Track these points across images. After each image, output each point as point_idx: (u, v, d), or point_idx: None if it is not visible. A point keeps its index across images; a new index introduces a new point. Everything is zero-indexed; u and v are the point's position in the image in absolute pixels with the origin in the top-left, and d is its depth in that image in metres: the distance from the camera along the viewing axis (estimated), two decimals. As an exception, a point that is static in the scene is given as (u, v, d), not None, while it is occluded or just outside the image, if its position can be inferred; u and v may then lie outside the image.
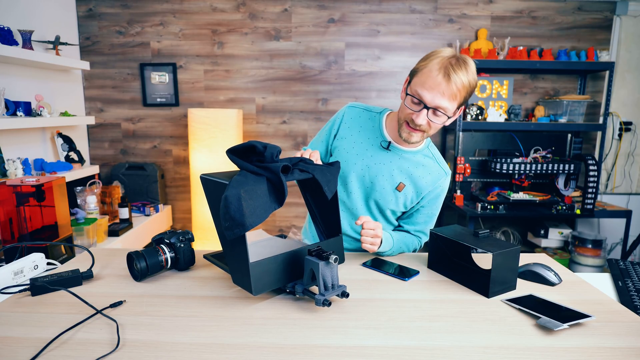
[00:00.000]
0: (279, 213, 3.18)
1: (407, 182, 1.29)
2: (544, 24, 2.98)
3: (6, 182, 1.32)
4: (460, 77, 1.08)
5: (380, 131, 1.30)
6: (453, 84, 1.08)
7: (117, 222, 2.52)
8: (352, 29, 2.96)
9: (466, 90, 1.11)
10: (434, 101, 1.10)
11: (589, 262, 2.81)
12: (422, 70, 1.13)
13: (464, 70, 1.09)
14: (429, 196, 1.33)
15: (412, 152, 1.29)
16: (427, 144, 1.33)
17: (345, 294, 0.93)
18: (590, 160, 2.69)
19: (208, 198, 0.94)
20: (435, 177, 1.30)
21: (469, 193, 2.96)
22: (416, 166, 1.29)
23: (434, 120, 1.14)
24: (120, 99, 3.04)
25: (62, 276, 1.04)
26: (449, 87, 1.08)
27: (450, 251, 1.14)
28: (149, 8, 2.92)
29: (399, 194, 1.29)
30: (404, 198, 1.31)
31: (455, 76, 1.07)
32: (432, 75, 1.09)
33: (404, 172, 1.29)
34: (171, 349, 0.77)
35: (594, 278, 1.29)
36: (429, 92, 1.10)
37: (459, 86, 1.09)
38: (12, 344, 0.78)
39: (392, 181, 1.29)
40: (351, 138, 1.32)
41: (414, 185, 1.30)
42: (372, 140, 1.30)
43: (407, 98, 1.16)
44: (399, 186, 1.28)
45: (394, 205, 1.32)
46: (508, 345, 0.80)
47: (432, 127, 1.17)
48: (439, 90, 1.09)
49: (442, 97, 1.10)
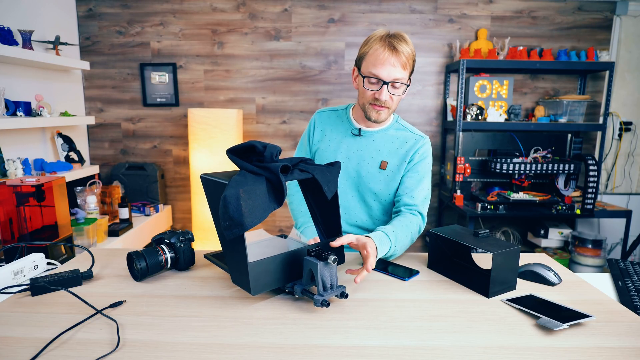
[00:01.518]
0: (279, 213, 3.18)
1: (388, 159, 1.34)
2: (544, 24, 2.98)
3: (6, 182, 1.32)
4: (404, 47, 1.20)
5: (349, 122, 1.39)
6: (401, 54, 1.19)
7: (117, 222, 2.52)
8: (352, 29, 2.96)
9: (411, 58, 1.23)
10: (390, 75, 1.20)
11: (589, 262, 2.81)
12: (368, 53, 1.23)
13: (404, 41, 1.21)
14: (412, 161, 1.34)
15: (382, 130, 1.37)
16: (395, 119, 1.41)
17: (344, 294, 0.93)
18: (590, 160, 2.69)
19: (208, 198, 0.94)
20: (412, 144, 1.35)
21: (469, 193, 2.96)
22: (392, 141, 1.35)
23: (394, 93, 1.24)
24: (120, 99, 3.04)
25: (62, 276, 1.04)
26: (399, 58, 1.20)
27: (450, 251, 1.14)
28: (149, 8, 2.92)
29: (384, 172, 1.34)
30: (391, 174, 1.34)
31: (400, 47, 1.19)
32: (380, 53, 1.20)
33: (382, 150, 1.35)
34: (171, 349, 0.77)
35: (594, 278, 1.29)
36: (383, 68, 1.20)
37: (406, 55, 1.20)
38: (12, 344, 0.78)
39: (374, 163, 1.34)
40: (326, 138, 1.40)
41: (395, 158, 1.34)
42: (344, 133, 1.38)
43: (364, 81, 1.25)
44: (382, 164, 1.34)
45: (385, 186, 1.34)
46: (508, 345, 0.80)
47: (395, 101, 1.27)
48: (390, 64, 1.19)
49: (395, 68, 1.20)
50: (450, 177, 2.91)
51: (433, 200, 3.21)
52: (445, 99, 3.04)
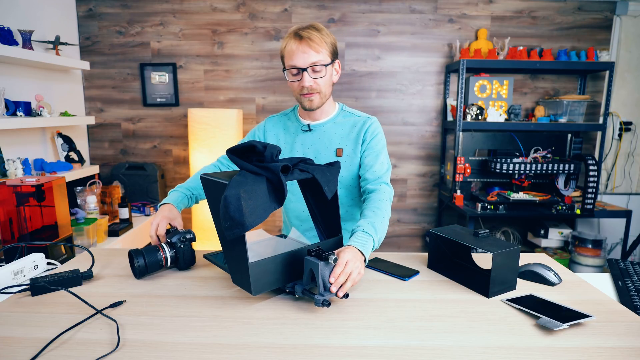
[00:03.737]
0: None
1: (342, 145, 1.37)
2: (544, 24, 2.98)
3: (6, 182, 1.32)
4: (312, 33, 1.24)
5: (298, 121, 1.43)
6: (307, 39, 1.23)
7: (117, 222, 2.52)
8: (352, 29, 2.96)
9: (323, 40, 1.25)
10: (305, 61, 1.24)
11: (589, 262, 2.81)
12: (283, 49, 1.29)
13: (312, 28, 1.25)
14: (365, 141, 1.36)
15: (330, 120, 1.40)
16: (340, 107, 1.44)
17: (345, 294, 0.93)
18: (590, 160, 2.69)
19: (208, 198, 0.94)
20: (360, 126, 1.37)
21: (469, 193, 2.96)
22: (341, 128, 1.39)
23: (317, 77, 1.27)
24: (120, 99, 3.04)
25: (62, 276, 1.04)
26: (308, 44, 1.23)
27: (450, 251, 1.14)
28: (149, 8, 2.92)
29: (341, 159, 1.37)
30: (348, 159, 1.36)
31: (306, 34, 1.23)
32: (290, 45, 1.26)
33: (335, 139, 1.37)
34: (171, 349, 0.77)
35: (594, 278, 1.29)
36: (296, 57, 1.25)
37: (316, 40, 1.23)
38: (12, 344, 0.78)
39: (329, 152, 1.37)
40: (281, 142, 1.44)
41: (349, 143, 1.36)
42: (296, 132, 1.42)
43: (288, 75, 1.30)
44: (338, 152, 1.37)
45: (345, 171, 1.36)
46: (508, 345, 0.80)
47: (321, 84, 1.29)
48: (300, 50, 1.24)
49: (307, 54, 1.24)
50: (450, 177, 2.91)
51: (433, 200, 3.21)
52: (445, 99, 3.04)
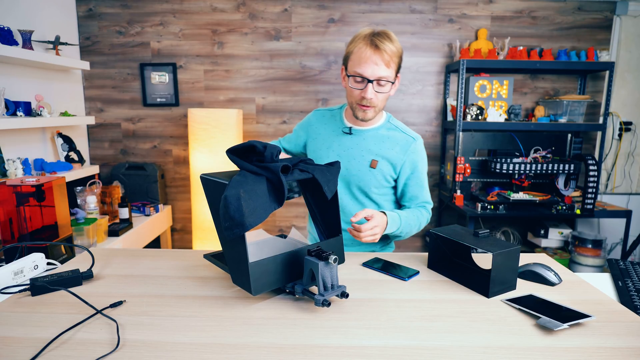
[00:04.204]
0: (279, 213, 3.18)
1: (378, 158, 1.35)
2: (544, 24, 2.98)
3: (6, 182, 1.32)
4: (387, 45, 1.20)
5: (342, 121, 1.42)
6: (383, 52, 1.20)
7: (117, 222, 2.52)
8: (352, 29, 2.96)
9: (396, 55, 1.23)
10: (374, 73, 1.22)
11: (589, 262, 2.81)
12: (352, 52, 1.25)
13: (387, 39, 1.22)
14: (406, 165, 1.36)
15: (373, 129, 1.38)
16: (387, 119, 1.41)
17: (344, 294, 0.93)
18: (590, 160, 2.69)
19: (208, 198, 0.94)
20: (403, 145, 1.36)
21: (469, 193, 2.96)
22: (382, 141, 1.36)
23: (380, 91, 1.25)
24: (120, 99, 3.04)
25: (62, 276, 1.04)
26: (382, 56, 1.20)
27: (450, 251, 1.14)
28: (149, 8, 2.92)
29: (374, 171, 1.36)
30: (381, 173, 1.36)
31: (383, 45, 1.20)
32: (363, 52, 1.21)
33: (373, 149, 1.36)
34: (171, 349, 0.77)
35: (594, 278, 1.29)
36: (367, 66, 1.21)
37: (390, 53, 1.21)
38: (12, 344, 0.78)
39: (363, 161, 1.36)
40: (320, 136, 1.44)
41: (386, 159, 1.36)
42: (336, 132, 1.41)
43: (350, 80, 1.27)
44: (372, 163, 1.35)
45: (375, 184, 1.36)
46: (508, 345, 0.80)
47: (380, 99, 1.27)
48: (372, 62, 1.20)
49: (378, 67, 1.21)
50: (450, 177, 2.90)
51: (433, 200, 3.21)
52: (445, 99, 3.04)
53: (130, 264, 1.20)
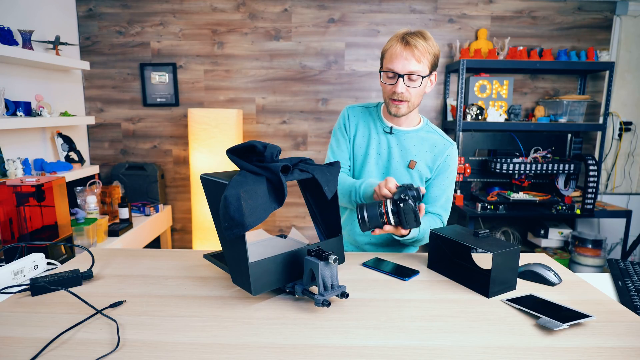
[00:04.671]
0: (279, 213, 3.18)
1: (417, 159, 1.39)
2: (544, 24, 2.98)
3: (6, 182, 1.32)
4: (418, 41, 1.24)
5: (381, 120, 1.43)
6: (413, 47, 1.24)
7: (117, 222, 2.52)
8: (352, 29, 2.96)
9: (428, 52, 1.26)
10: (404, 68, 1.25)
11: (589, 262, 2.81)
12: (386, 50, 1.30)
13: (420, 36, 1.26)
14: (439, 167, 1.39)
15: (414, 130, 1.41)
16: (426, 122, 1.44)
17: (344, 294, 0.93)
18: (590, 160, 2.69)
19: (208, 198, 0.94)
20: (441, 148, 1.39)
21: (469, 193, 2.96)
22: (421, 143, 1.40)
23: (410, 85, 1.28)
24: (120, 99, 3.04)
25: (62, 276, 1.04)
26: (412, 52, 1.24)
27: (450, 251, 1.14)
28: (149, 8, 2.92)
29: (412, 171, 1.39)
30: (418, 175, 1.39)
31: (413, 41, 1.24)
32: (394, 48, 1.26)
33: (412, 150, 1.39)
34: (171, 349, 0.77)
35: (594, 278, 1.29)
36: (397, 61, 1.26)
37: (420, 49, 1.24)
38: (12, 344, 0.78)
39: (402, 161, 1.39)
40: (359, 133, 1.44)
41: (423, 160, 1.39)
42: (376, 130, 1.43)
43: (383, 76, 1.31)
44: (411, 164, 1.38)
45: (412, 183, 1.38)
46: (508, 345, 0.80)
47: (413, 94, 1.30)
48: (403, 57, 1.25)
49: (408, 61, 1.25)
50: (450, 177, 2.90)
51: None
52: (445, 99, 3.04)
53: (130, 264, 1.20)
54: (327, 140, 3.09)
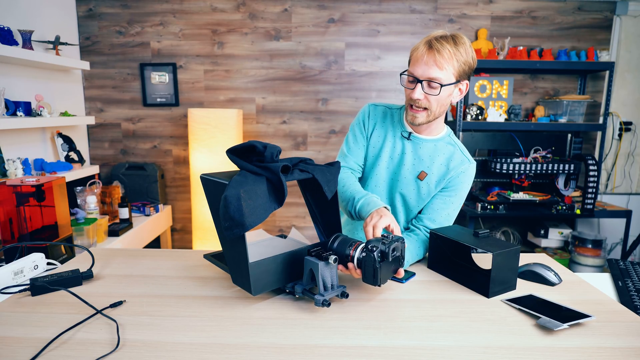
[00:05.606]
0: (279, 213, 3.18)
1: (428, 171, 1.29)
2: (544, 24, 2.98)
3: (6, 182, 1.32)
4: (445, 46, 1.13)
5: (401, 123, 1.34)
6: (436, 52, 1.13)
7: (117, 222, 2.52)
8: (352, 29, 2.96)
9: (456, 58, 1.14)
10: (424, 73, 1.16)
11: (589, 262, 2.81)
12: (412, 51, 1.21)
13: (449, 41, 1.14)
14: (450, 180, 1.29)
15: (433, 140, 1.31)
16: (448, 133, 1.34)
17: (344, 294, 0.93)
18: (590, 160, 2.69)
19: (208, 198, 0.94)
20: (457, 163, 1.29)
21: (469, 193, 2.96)
22: (438, 154, 1.30)
23: (429, 93, 1.17)
24: (120, 99, 3.04)
25: (62, 276, 1.04)
26: (435, 57, 1.13)
27: (450, 251, 1.14)
28: (149, 8, 2.92)
29: (420, 182, 1.30)
30: (426, 187, 1.30)
31: (439, 45, 1.13)
32: (418, 52, 1.17)
33: (426, 160, 1.30)
34: (171, 349, 0.77)
35: (594, 278, 1.29)
36: (417, 66, 1.16)
37: (445, 55, 1.13)
38: (12, 344, 0.78)
39: (413, 170, 1.30)
40: (375, 133, 1.36)
41: (436, 173, 1.29)
42: (394, 133, 1.34)
43: (404, 79, 1.23)
44: (421, 175, 1.29)
45: (416, 195, 1.31)
46: (508, 345, 0.80)
47: (432, 102, 1.19)
48: (424, 62, 1.15)
49: (429, 67, 1.14)
50: (450, 177, 2.90)
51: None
52: (445, 99, 3.04)
53: (130, 264, 1.20)
54: (327, 140, 3.09)
